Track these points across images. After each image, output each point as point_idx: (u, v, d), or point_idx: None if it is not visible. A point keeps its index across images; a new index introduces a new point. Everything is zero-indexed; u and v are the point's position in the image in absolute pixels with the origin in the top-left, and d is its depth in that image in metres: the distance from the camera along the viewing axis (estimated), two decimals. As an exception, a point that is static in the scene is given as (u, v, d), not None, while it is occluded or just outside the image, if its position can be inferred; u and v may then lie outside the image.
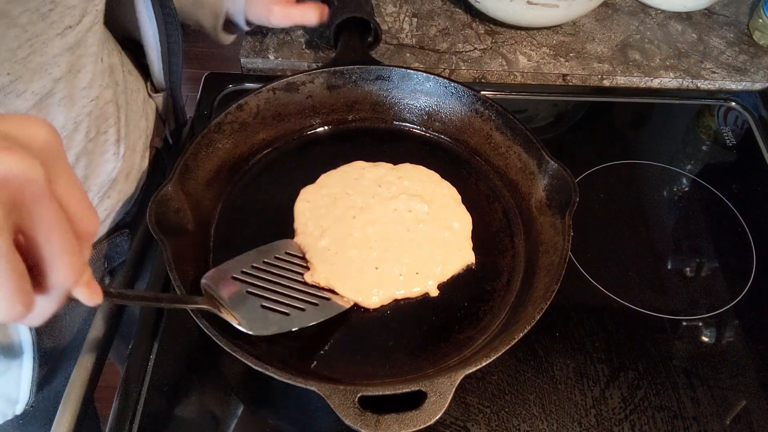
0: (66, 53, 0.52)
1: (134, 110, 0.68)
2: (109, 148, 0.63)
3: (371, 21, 0.77)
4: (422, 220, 0.66)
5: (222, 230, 0.67)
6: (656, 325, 0.64)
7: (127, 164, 0.68)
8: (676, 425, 0.57)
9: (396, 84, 0.75)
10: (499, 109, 0.70)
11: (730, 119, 0.86)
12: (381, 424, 0.48)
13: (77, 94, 0.56)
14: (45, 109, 0.53)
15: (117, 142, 0.64)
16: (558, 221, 0.62)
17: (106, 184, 0.65)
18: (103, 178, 0.64)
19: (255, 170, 0.72)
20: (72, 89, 0.55)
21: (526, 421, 0.57)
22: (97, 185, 0.63)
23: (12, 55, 0.47)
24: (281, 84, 0.72)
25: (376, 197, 0.68)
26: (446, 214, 0.68)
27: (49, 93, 0.52)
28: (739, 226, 0.73)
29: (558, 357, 0.61)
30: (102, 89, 0.59)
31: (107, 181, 0.65)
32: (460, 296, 0.63)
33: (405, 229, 0.66)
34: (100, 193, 0.64)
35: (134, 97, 0.69)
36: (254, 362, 0.51)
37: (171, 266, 0.55)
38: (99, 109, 0.60)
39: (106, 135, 0.62)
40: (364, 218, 0.66)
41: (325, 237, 0.64)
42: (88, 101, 0.58)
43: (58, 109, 0.54)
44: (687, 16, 0.98)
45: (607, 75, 0.89)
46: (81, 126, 0.58)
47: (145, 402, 0.57)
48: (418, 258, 0.64)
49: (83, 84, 0.56)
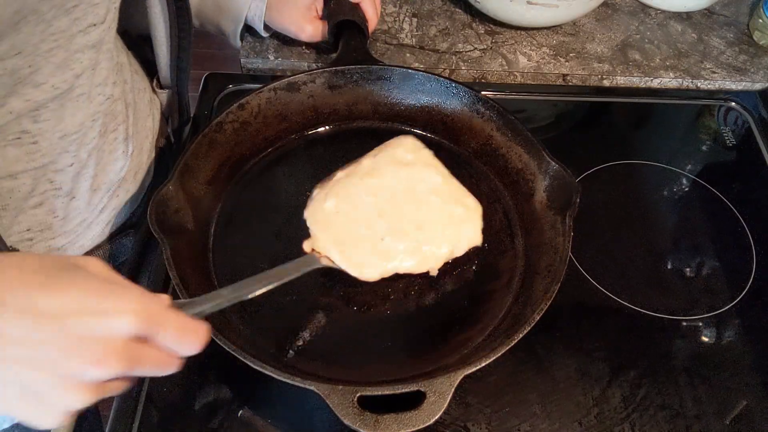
0: (89, 50, 0.53)
1: (141, 109, 0.69)
2: (118, 146, 0.64)
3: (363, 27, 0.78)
4: (436, 192, 0.63)
5: (222, 230, 0.67)
6: (656, 325, 0.64)
7: (135, 163, 0.68)
8: (677, 424, 0.57)
9: (397, 84, 0.75)
10: (500, 109, 0.70)
11: (730, 119, 0.86)
12: (380, 424, 0.48)
13: (94, 90, 0.56)
14: (65, 104, 0.53)
15: (126, 141, 0.65)
16: (558, 222, 0.62)
17: (115, 183, 0.65)
18: (113, 176, 0.64)
19: (256, 170, 0.72)
20: (90, 86, 0.55)
21: (526, 421, 0.57)
22: (106, 183, 0.64)
23: (35, 48, 0.48)
24: (282, 84, 0.72)
25: (390, 164, 0.65)
26: (461, 191, 0.65)
27: (70, 89, 0.53)
28: (739, 226, 0.73)
29: (558, 357, 0.61)
30: (114, 87, 0.60)
31: (116, 180, 0.65)
32: (459, 296, 0.63)
33: (417, 199, 0.62)
34: (109, 192, 0.65)
35: (141, 96, 0.69)
36: (254, 362, 0.51)
37: (171, 266, 0.55)
38: (110, 106, 0.60)
39: (116, 133, 0.63)
40: (372, 183, 0.63)
41: (330, 198, 0.61)
42: (104, 98, 0.58)
43: (77, 104, 0.55)
44: (687, 16, 0.98)
45: (607, 75, 0.89)
46: (97, 123, 0.58)
47: (145, 402, 0.57)
48: (427, 232, 0.61)
49: (99, 81, 0.57)
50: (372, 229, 0.60)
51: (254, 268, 0.64)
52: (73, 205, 0.61)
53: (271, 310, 0.61)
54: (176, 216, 0.61)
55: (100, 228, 0.66)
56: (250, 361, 0.51)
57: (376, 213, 0.61)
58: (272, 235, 0.66)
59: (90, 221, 0.64)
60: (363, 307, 0.61)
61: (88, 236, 0.65)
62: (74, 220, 0.62)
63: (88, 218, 0.63)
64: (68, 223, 0.61)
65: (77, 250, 0.64)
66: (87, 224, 0.64)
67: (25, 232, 0.58)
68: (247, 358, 0.51)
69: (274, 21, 0.79)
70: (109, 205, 0.66)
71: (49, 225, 0.59)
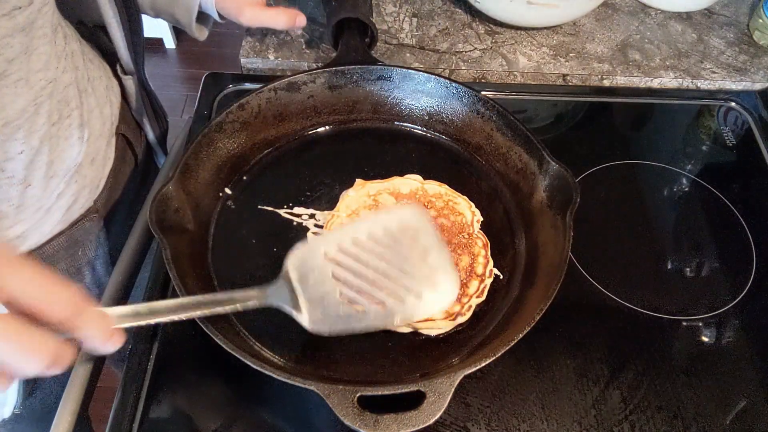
0: (18, 34, 0.52)
1: (98, 96, 0.69)
2: (73, 132, 0.64)
3: (367, 22, 0.77)
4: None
5: (222, 230, 0.67)
6: (656, 325, 0.64)
7: (92, 149, 0.68)
8: (675, 425, 0.57)
9: (397, 84, 0.75)
10: (500, 109, 0.70)
11: (730, 119, 0.86)
12: (380, 424, 0.48)
13: (33, 76, 0.56)
14: (2, 91, 0.53)
15: (80, 126, 0.65)
16: (559, 221, 0.62)
17: (71, 168, 0.65)
18: (69, 163, 0.65)
19: (256, 170, 0.72)
20: (28, 71, 0.55)
21: (526, 421, 0.57)
22: (63, 170, 0.64)
23: None
24: (283, 83, 0.72)
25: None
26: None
27: (3, 74, 0.53)
28: (739, 226, 0.73)
29: (558, 357, 0.61)
30: (60, 72, 0.60)
31: (72, 165, 0.65)
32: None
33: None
34: (66, 177, 0.65)
35: (96, 84, 0.70)
36: (254, 362, 0.51)
37: (171, 265, 0.55)
38: (59, 92, 0.61)
39: (69, 119, 0.63)
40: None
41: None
42: (46, 83, 0.58)
43: (15, 90, 0.55)
44: (687, 16, 0.98)
45: (607, 75, 0.89)
46: (42, 109, 0.58)
47: (145, 402, 0.57)
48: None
49: (38, 66, 0.57)
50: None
51: (254, 268, 0.64)
52: (29, 192, 0.61)
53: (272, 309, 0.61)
54: (176, 216, 0.61)
55: (60, 214, 0.66)
56: (250, 361, 0.51)
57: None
58: (272, 235, 0.66)
59: (48, 207, 0.64)
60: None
61: (47, 223, 0.65)
62: (31, 208, 0.62)
63: (45, 204, 0.64)
64: (24, 210, 0.61)
65: (38, 237, 0.65)
66: (45, 210, 0.64)
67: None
68: (247, 358, 0.51)
69: (219, 4, 0.77)
70: (67, 191, 0.66)
71: (5, 214, 0.60)
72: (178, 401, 0.57)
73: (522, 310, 0.59)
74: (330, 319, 0.53)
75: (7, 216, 0.60)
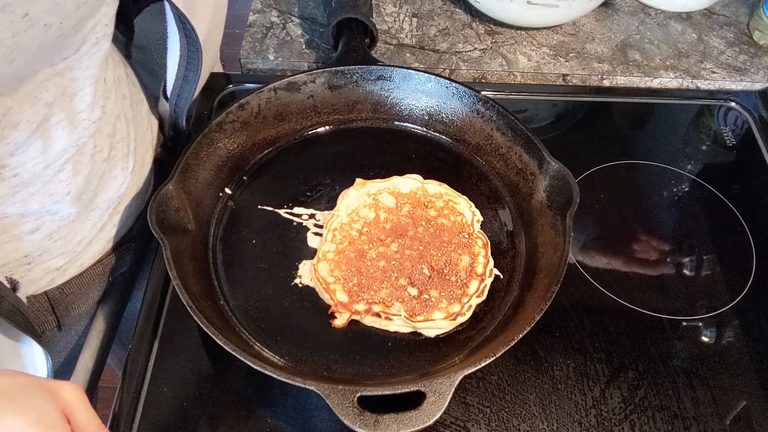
0: (54, 78, 0.50)
1: (140, 122, 0.67)
2: (117, 164, 0.62)
3: (367, 22, 0.77)
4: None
5: (222, 230, 0.67)
6: (656, 325, 0.64)
7: (137, 178, 0.66)
8: (676, 425, 0.57)
9: (397, 84, 0.75)
10: (500, 109, 0.70)
11: (730, 119, 0.86)
12: (380, 424, 0.48)
13: (76, 117, 0.54)
14: (44, 134, 0.52)
15: (125, 157, 0.63)
16: (558, 222, 0.62)
17: (115, 200, 0.63)
18: (112, 194, 0.63)
19: (256, 170, 0.72)
20: (70, 112, 0.53)
21: (526, 421, 0.57)
22: (105, 202, 0.62)
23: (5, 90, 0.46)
24: (283, 83, 0.72)
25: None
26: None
27: (45, 118, 0.51)
28: (739, 226, 0.73)
29: (558, 357, 0.61)
30: (106, 109, 0.58)
31: (116, 197, 0.63)
32: (460, 296, 0.63)
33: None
34: (109, 209, 0.63)
35: (139, 109, 0.67)
36: (254, 362, 0.51)
37: (171, 265, 0.55)
38: (107, 127, 0.59)
39: (114, 151, 0.61)
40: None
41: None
42: (90, 123, 0.56)
43: (56, 132, 0.53)
44: (687, 16, 0.98)
45: (607, 75, 0.89)
46: (85, 148, 0.56)
47: (145, 402, 0.57)
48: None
49: (82, 107, 0.54)
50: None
51: (254, 267, 0.64)
52: (72, 227, 0.59)
53: (273, 310, 0.61)
54: (176, 216, 0.61)
55: (101, 246, 0.64)
56: (251, 361, 0.51)
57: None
58: (272, 235, 0.66)
59: (89, 239, 0.62)
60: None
61: (88, 254, 0.63)
62: (73, 241, 0.61)
63: (87, 237, 0.62)
64: (67, 244, 0.60)
65: (77, 268, 0.63)
66: (86, 243, 0.62)
67: (22, 258, 0.57)
68: (247, 358, 0.51)
69: None
70: (110, 222, 0.64)
71: (47, 248, 0.58)
72: (177, 401, 0.57)
73: (522, 311, 0.59)
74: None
75: (49, 250, 0.59)
